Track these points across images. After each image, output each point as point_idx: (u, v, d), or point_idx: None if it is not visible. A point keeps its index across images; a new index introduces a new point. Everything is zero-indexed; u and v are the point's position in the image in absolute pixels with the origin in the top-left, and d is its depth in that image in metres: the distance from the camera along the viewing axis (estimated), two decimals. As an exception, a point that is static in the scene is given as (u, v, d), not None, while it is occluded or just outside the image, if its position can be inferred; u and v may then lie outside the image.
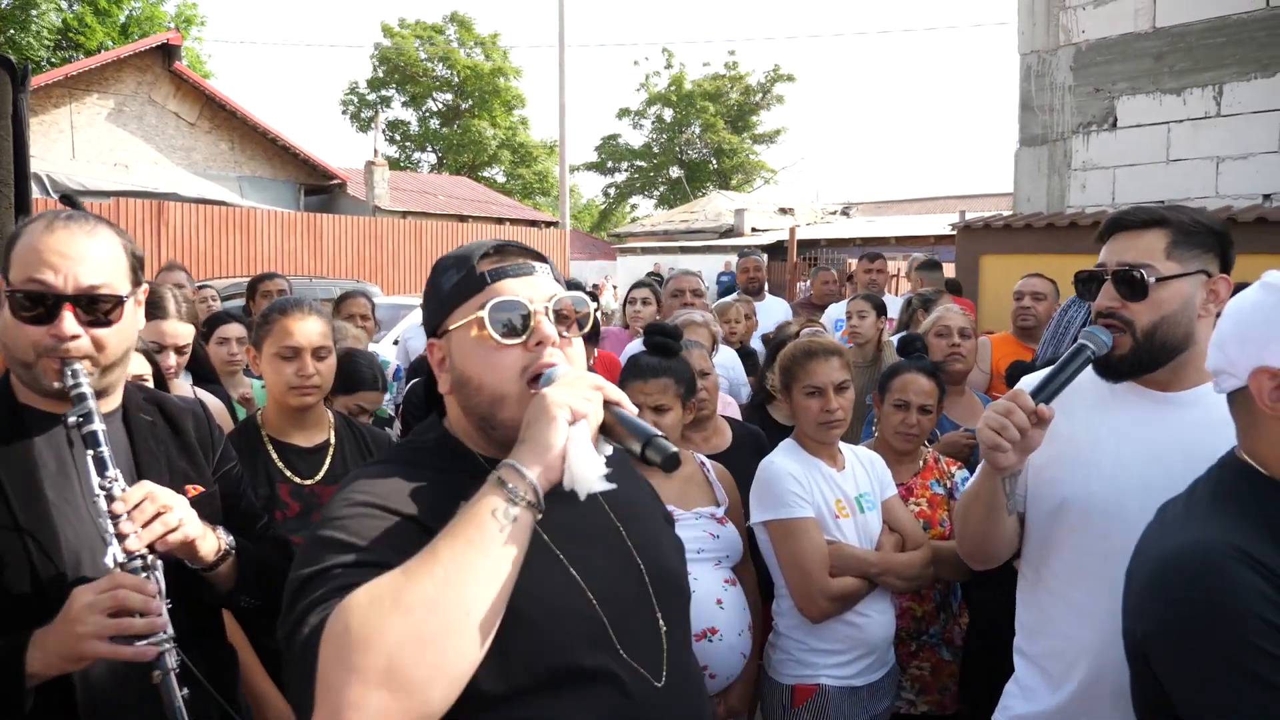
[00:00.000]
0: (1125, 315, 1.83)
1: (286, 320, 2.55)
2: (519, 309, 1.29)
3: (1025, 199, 8.62)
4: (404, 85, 39.63)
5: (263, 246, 17.64)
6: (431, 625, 1.04)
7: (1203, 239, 1.85)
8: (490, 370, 1.30)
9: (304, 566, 1.19)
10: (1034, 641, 2.00)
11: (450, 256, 1.39)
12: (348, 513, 1.23)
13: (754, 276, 6.85)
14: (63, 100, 19.40)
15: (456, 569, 1.07)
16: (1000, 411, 1.76)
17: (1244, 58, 7.22)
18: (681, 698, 1.33)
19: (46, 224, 1.57)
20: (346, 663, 1.01)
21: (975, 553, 2.07)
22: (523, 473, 1.14)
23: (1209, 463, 1.76)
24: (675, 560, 1.50)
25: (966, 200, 24.80)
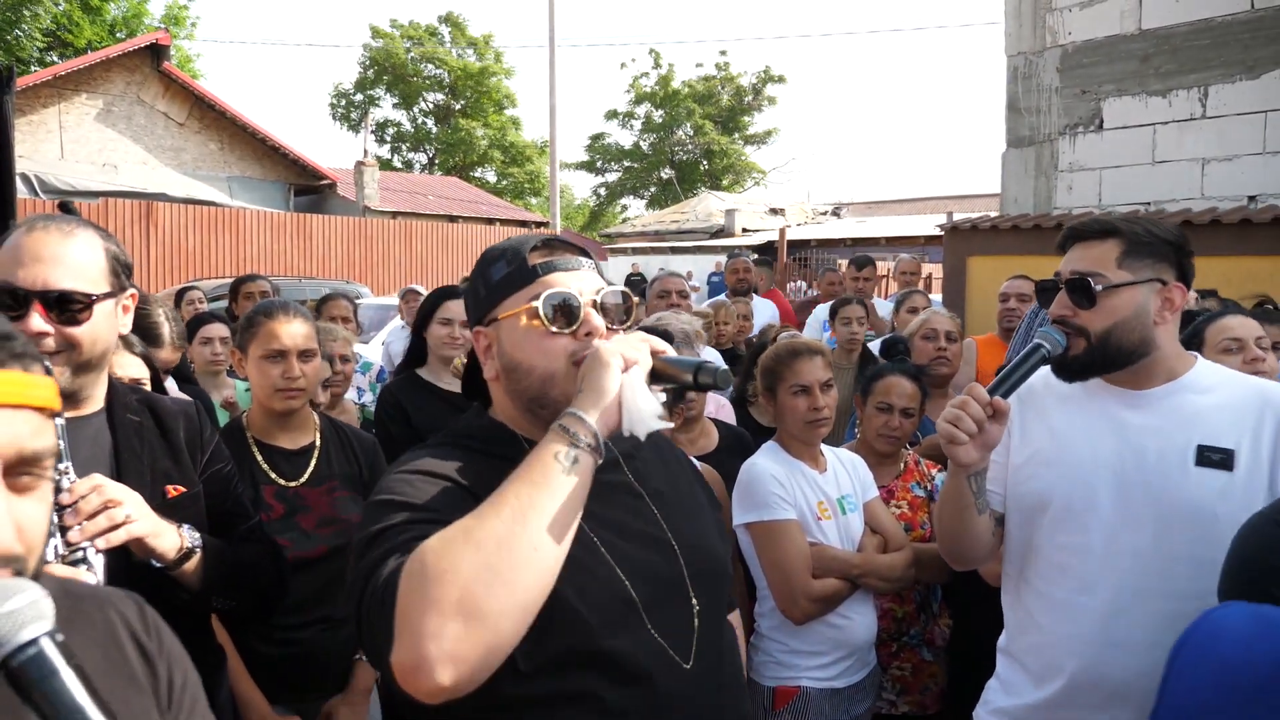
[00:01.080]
0: (1077, 323, 1.88)
1: (272, 323, 2.55)
2: (571, 300, 1.38)
3: (1012, 200, 8.65)
4: (394, 86, 39.54)
5: (252, 247, 17.59)
6: (502, 559, 1.11)
7: (1155, 249, 1.88)
8: (541, 354, 1.38)
9: (369, 525, 1.26)
10: (1016, 639, 2.02)
11: (498, 249, 1.47)
12: (401, 479, 1.32)
13: (743, 278, 6.85)
14: (51, 100, 19.30)
15: (523, 506, 1.15)
16: (957, 405, 1.79)
17: (1229, 60, 7.26)
18: (710, 680, 1.38)
19: (28, 227, 1.62)
20: (425, 596, 1.09)
21: (952, 553, 2.09)
22: (583, 418, 1.23)
23: (1179, 457, 1.82)
24: (715, 542, 1.56)
25: (955, 201, 24.87)
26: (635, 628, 1.33)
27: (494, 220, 25.41)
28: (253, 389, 2.61)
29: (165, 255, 15.81)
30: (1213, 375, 1.94)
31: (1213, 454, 1.81)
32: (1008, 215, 8.45)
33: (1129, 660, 1.80)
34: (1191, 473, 1.81)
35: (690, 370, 1.30)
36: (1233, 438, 1.82)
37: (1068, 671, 1.87)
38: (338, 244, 18.95)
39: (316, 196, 23.86)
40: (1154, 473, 1.83)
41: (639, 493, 1.46)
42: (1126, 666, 1.80)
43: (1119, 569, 1.83)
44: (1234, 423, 1.84)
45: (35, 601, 0.79)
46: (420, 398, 3.58)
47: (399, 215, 22.75)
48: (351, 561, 1.27)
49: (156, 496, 1.72)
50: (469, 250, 21.11)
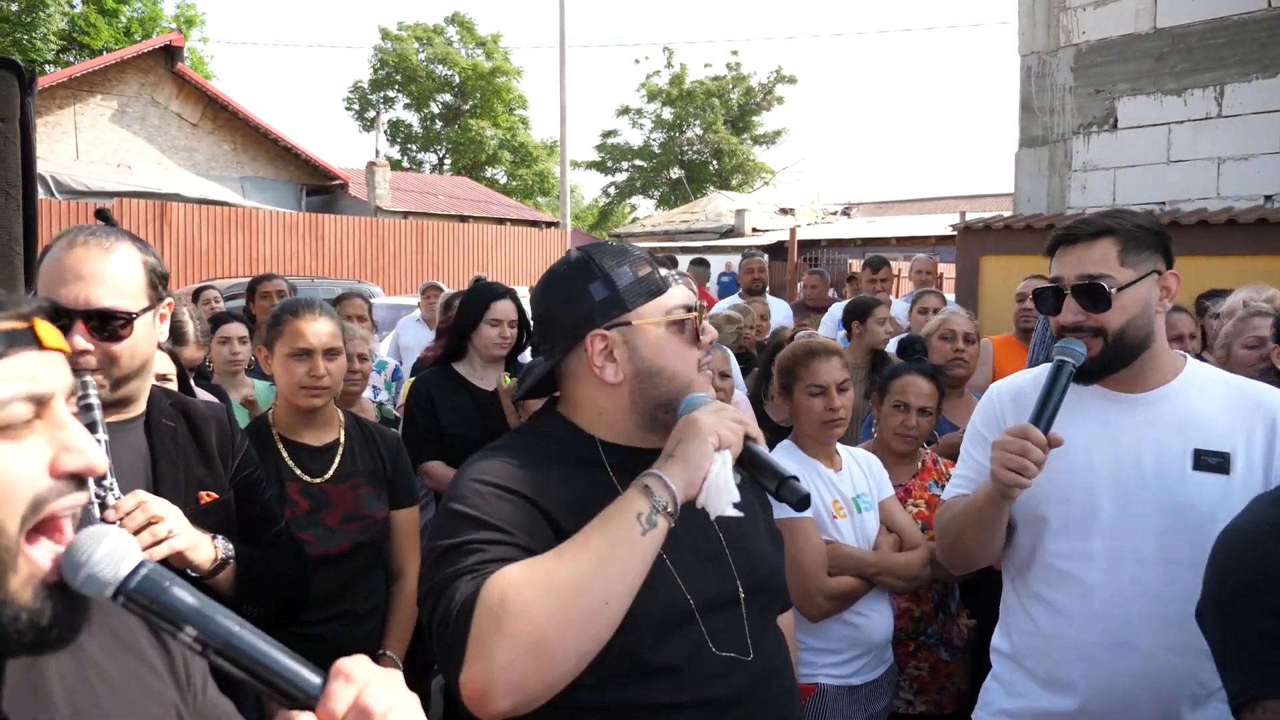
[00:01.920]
0: (1092, 325, 1.88)
1: (299, 321, 2.58)
2: (692, 313, 1.49)
3: (1026, 200, 8.62)
4: (405, 86, 39.63)
5: (265, 247, 17.65)
6: (576, 608, 1.19)
7: (1148, 240, 1.91)
8: (684, 362, 1.47)
9: (441, 538, 1.32)
10: (1018, 642, 2.03)
11: (608, 252, 1.51)
12: (475, 491, 1.36)
13: (758, 277, 6.85)
14: (66, 101, 19.43)
15: (602, 562, 1.22)
16: (1017, 451, 1.75)
17: (1245, 58, 7.23)
18: (763, 683, 1.44)
19: (68, 241, 1.65)
20: (501, 629, 1.17)
21: (965, 564, 2.12)
22: (669, 485, 1.28)
23: (1177, 462, 1.83)
24: (768, 551, 1.61)
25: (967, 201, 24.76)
26: (694, 639, 1.39)
27: (505, 220, 25.44)
28: (278, 386, 2.64)
29: (179, 255, 15.87)
30: (1203, 376, 1.96)
31: (1210, 458, 1.83)
32: (1021, 215, 8.43)
33: (1135, 664, 1.81)
34: (1190, 477, 1.83)
35: (775, 479, 1.35)
36: (1228, 441, 1.84)
37: (1074, 678, 1.88)
38: (350, 244, 19.01)
39: (328, 196, 23.94)
40: (1153, 478, 1.85)
41: (705, 517, 1.48)
42: (1133, 671, 1.81)
43: (1121, 575, 1.85)
44: (1228, 426, 1.86)
45: (121, 539, 0.88)
46: (451, 393, 3.63)
47: (410, 215, 22.80)
48: (423, 570, 1.34)
49: (190, 502, 1.75)
50: (480, 250, 21.15)
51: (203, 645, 0.86)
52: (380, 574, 2.70)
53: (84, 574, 0.85)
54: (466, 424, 3.59)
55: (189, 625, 0.86)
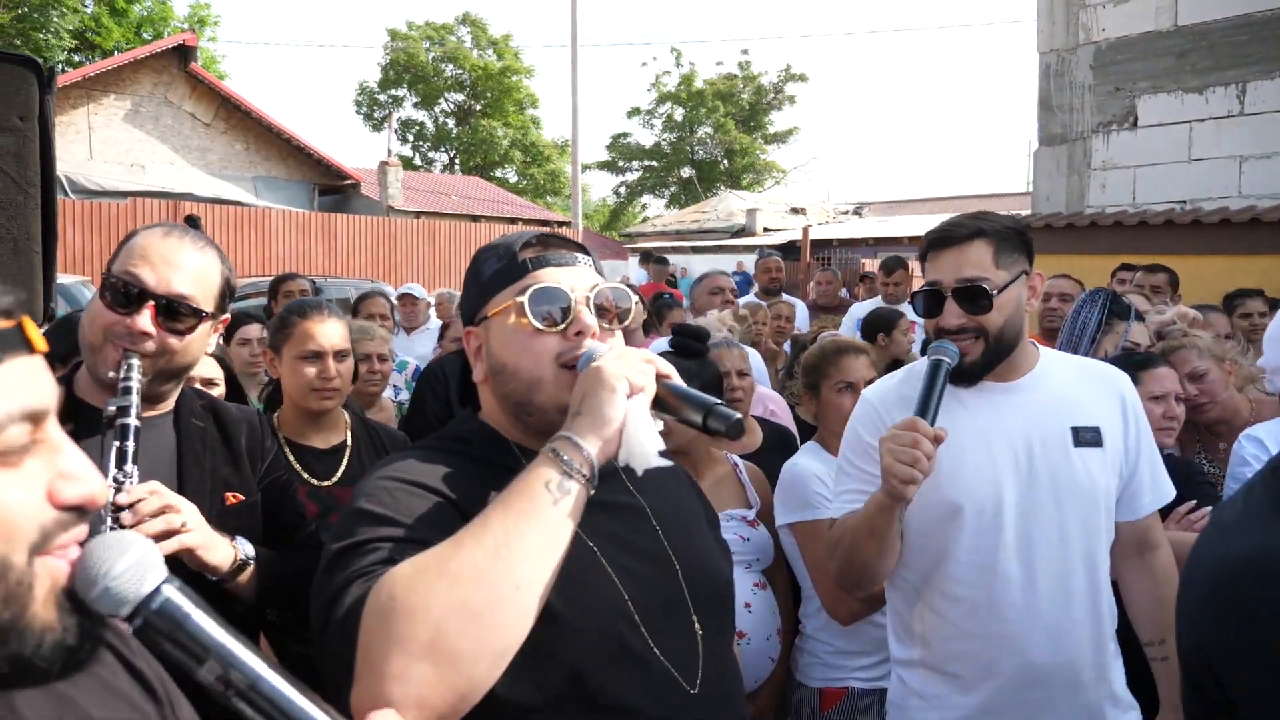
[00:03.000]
0: (974, 327, 1.92)
1: (307, 323, 2.55)
2: (560, 297, 1.28)
3: (1044, 198, 8.57)
4: (415, 86, 39.71)
5: (278, 246, 17.71)
6: (480, 596, 1.01)
7: (1016, 242, 1.98)
8: (527, 355, 1.28)
9: (339, 540, 1.17)
10: (932, 650, 2.02)
11: (492, 245, 1.39)
12: (382, 488, 1.22)
13: (775, 277, 6.81)
14: (80, 101, 19.53)
15: (507, 539, 1.04)
16: (908, 444, 1.73)
17: (1268, 56, 7.16)
18: (715, 704, 1.30)
19: (165, 231, 1.66)
20: (390, 633, 0.99)
21: (862, 583, 2.08)
22: (579, 445, 1.11)
23: (1061, 441, 1.94)
24: (718, 563, 1.47)
25: (980, 200, 24.67)
26: (639, 648, 1.23)
27: (516, 220, 25.46)
28: (286, 389, 2.60)
29: (192, 254, 15.96)
30: (1058, 360, 2.11)
31: (1086, 433, 1.96)
32: (1039, 214, 8.38)
33: (1051, 642, 1.89)
34: (1073, 454, 1.94)
35: (700, 410, 1.17)
36: (1095, 416, 1.98)
37: (1013, 670, 1.90)
38: (362, 243, 19.05)
39: (340, 196, 24.00)
40: (1042, 459, 1.94)
41: (640, 508, 1.37)
42: (1049, 648, 1.89)
43: (1032, 558, 1.91)
44: (1091, 402, 2.00)
45: (147, 552, 0.77)
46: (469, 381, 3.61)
47: (422, 215, 22.84)
48: (317, 577, 1.16)
49: (216, 503, 1.72)
50: (492, 250, 21.17)
51: (225, 685, 0.76)
52: None
53: (102, 586, 0.74)
54: None
55: (213, 660, 0.76)
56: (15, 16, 23.06)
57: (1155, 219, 7.31)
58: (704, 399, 1.19)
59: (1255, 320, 4.74)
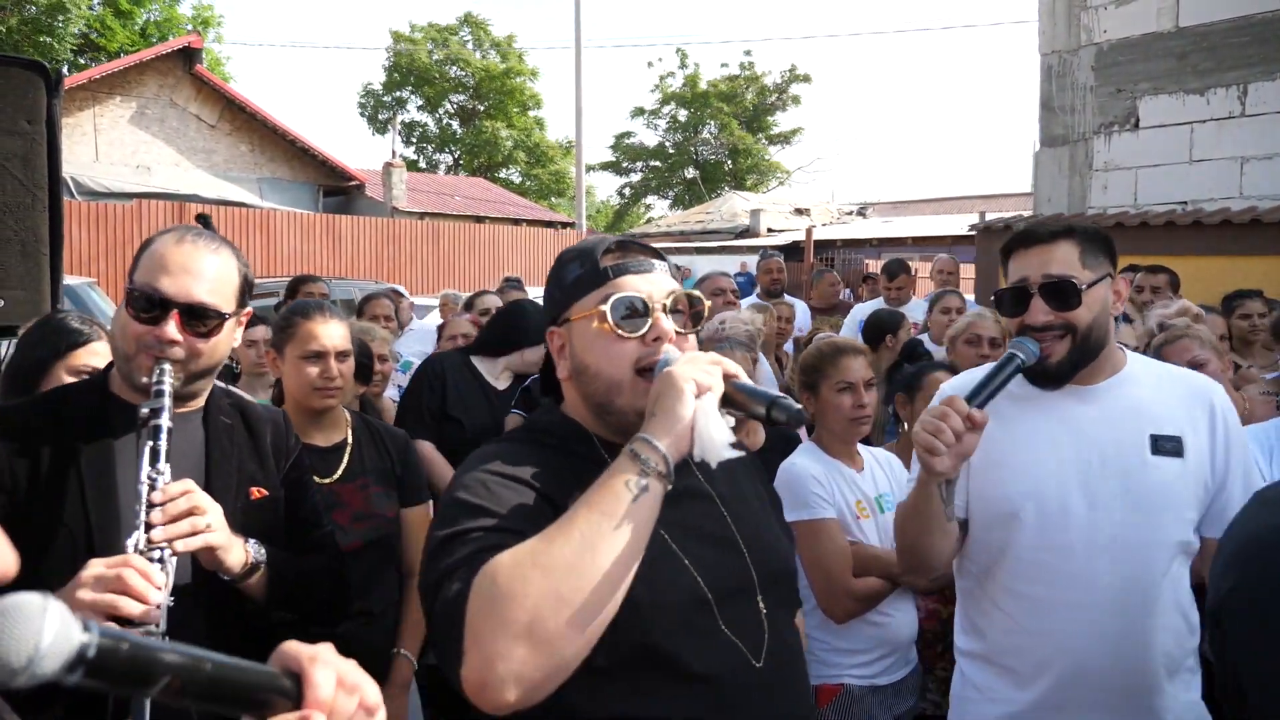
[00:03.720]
0: (1061, 324, 1.91)
1: (310, 324, 2.60)
2: (639, 305, 1.39)
3: (1046, 199, 8.58)
4: (419, 88, 39.77)
5: (283, 248, 17.76)
6: (569, 585, 1.14)
7: (1102, 245, 1.98)
8: (607, 360, 1.39)
9: (442, 528, 1.29)
10: (990, 643, 2.04)
11: (573, 250, 1.49)
12: (478, 480, 1.34)
13: (776, 278, 6.81)
14: (86, 103, 19.61)
15: (592, 535, 1.17)
16: (936, 415, 1.79)
17: (1269, 57, 7.17)
18: (778, 681, 1.40)
19: (178, 237, 1.70)
20: (493, 616, 1.13)
21: (917, 565, 2.10)
22: (654, 444, 1.23)
23: (1137, 447, 1.92)
24: (781, 545, 1.57)
25: (984, 200, 24.66)
26: (708, 626, 1.35)
27: (520, 221, 25.51)
28: (288, 388, 2.65)
29: (198, 256, 16.00)
30: (1146, 367, 2.06)
31: (1165, 442, 1.92)
32: (1041, 215, 8.39)
33: (1119, 648, 1.87)
34: (1149, 462, 1.91)
35: (764, 403, 1.28)
36: (1177, 426, 1.94)
37: (1064, 670, 1.91)
38: (367, 244, 19.10)
39: (345, 197, 24.07)
40: (1116, 465, 1.92)
41: (708, 495, 1.47)
42: (1116, 654, 1.87)
43: (1100, 562, 1.90)
44: (1175, 412, 1.96)
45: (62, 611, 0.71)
46: (464, 380, 3.63)
47: (426, 216, 22.90)
48: (424, 561, 1.30)
49: (241, 497, 1.79)
50: (496, 251, 21.20)
51: (183, 692, 0.76)
52: (393, 573, 2.71)
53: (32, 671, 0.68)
54: (473, 413, 3.58)
55: (166, 676, 0.75)
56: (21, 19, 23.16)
57: (1156, 220, 7.32)
58: (767, 394, 1.30)
59: (1255, 321, 4.74)
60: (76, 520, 1.62)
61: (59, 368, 2.34)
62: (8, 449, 1.63)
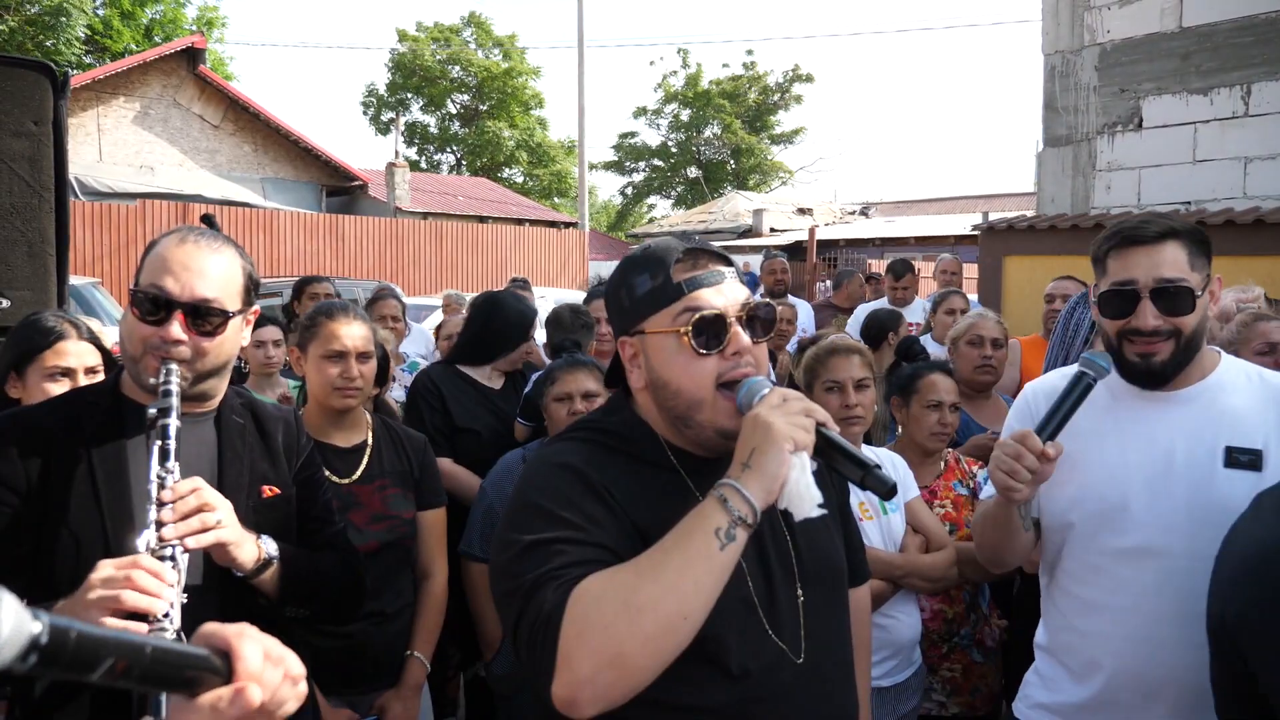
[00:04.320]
0: (1169, 329, 1.86)
1: (333, 324, 2.62)
2: (719, 324, 1.39)
3: (1049, 200, 8.57)
4: (421, 88, 39.79)
5: (286, 248, 17.79)
6: (655, 624, 1.21)
7: (1204, 245, 1.91)
8: (689, 377, 1.40)
9: (521, 532, 1.33)
10: (1054, 637, 2.06)
11: (640, 259, 1.48)
12: (556, 485, 1.37)
13: (780, 279, 6.82)
14: (90, 103, 19.64)
15: (680, 578, 1.23)
16: (1010, 455, 1.79)
17: (1272, 57, 7.16)
18: (819, 674, 1.44)
19: (180, 238, 1.71)
20: (585, 645, 1.20)
21: (993, 562, 2.16)
22: (747, 499, 1.26)
23: (1208, 458, 1.84)
24: (827, 541, 1.57)
25: (987, 200, 24.65)
26: (753, 625, 1.39)
27: (523, 221, 25.51)
28: (310, 387, 2.67)
29: (201, 256, 16.01)
30: (1238, 372, 1.96)
31: (1241, 455, 1.83)
32: (1045, 215, 8.39)
33: (1164, 657, 1.83)
34: (1220, 474, 1.83)
35: (858, 469, 1.30)
36: (1260, 437, 1.84)
37: (1106, 670, 1.90)
38: (370, 244, 19.12)
39: (348, 197, 24.09)
40: (1183, 475, 1.85)
41: None
42: (1162, 664, 1.83)
43: (1152, 569, 1.86)
44: (1259, 422, 1.85)
45: (13, 604, 0.72)
46: (458, 388, 3.63)
47: (429, 216, 22.91)
48: (504, 560, 1.34)
49: (253, 496, 1.80)
50: (499, 250, 21.22)
51: (125, 674, 0.80)
52: (408, 575, 2.72)
53: None
54: (478, 419, 3.57)
55: (110, 658, 0.78)
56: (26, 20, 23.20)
57: (1160, 220, 7.30)
58: (863, 458, 1.31)
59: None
60: (91, 522, 1.63)
61: (30, 371, 2.37)
62: (21, 452, 1.64)
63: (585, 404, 3.00)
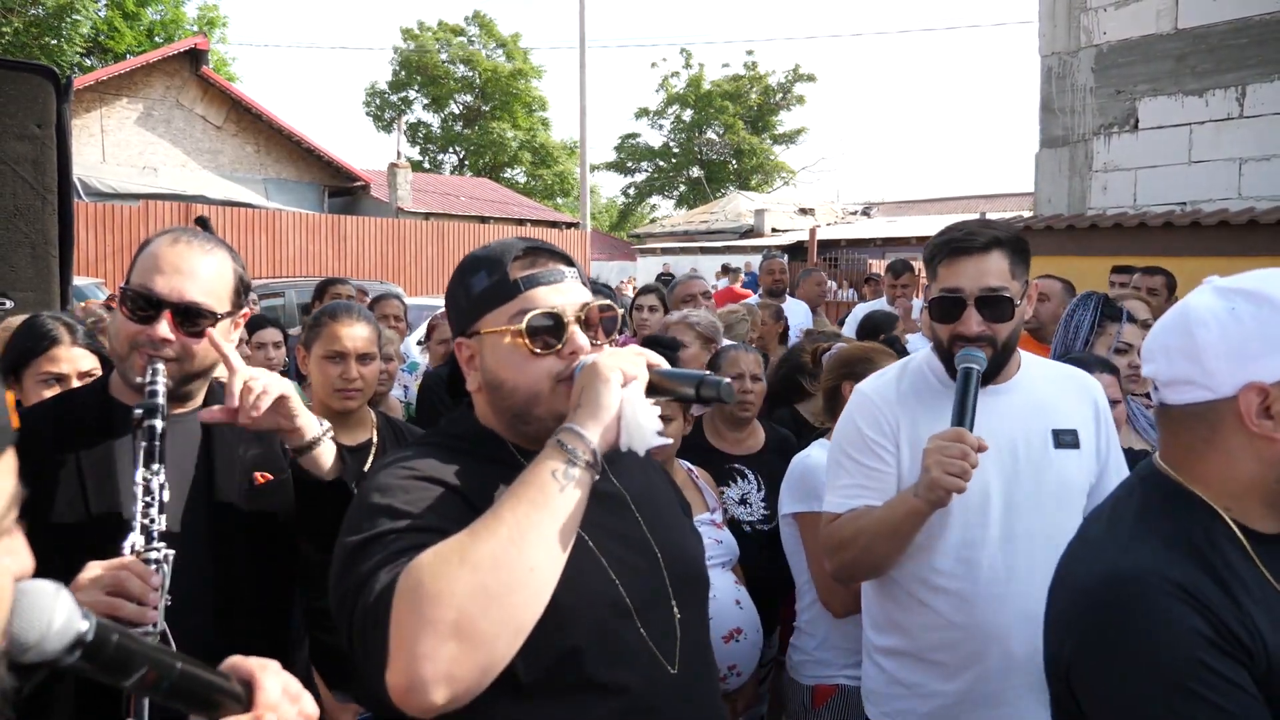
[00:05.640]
0: (989, 334, 1.98)
1: (336, 325, 2.64)
2: (554, 321, 1.35)
3: (1046, 200, 8.61)
4: (425, 88, 39.85)
5: (288, 248, 17.84)
6: (497, 580, 1.10)
7: (1024, 253, 2.03)
8: (525, 376, 1.35)
9: (356, 533, 1.24)
10: (916, 639, 2.07)
11: (479, 257, 1.42)
12: (395, 482, 1.29)
13: (779, 279, 6.84)
14: (93, 105, 19.70)
15: (519, 527, 1.13)
16: (957, 456, 1.81)
17: (1267, 58, 7.19)
18: (692, 687, 1.38)
19: (172, 238, 1.71)
20: (419, 616, 1.08)
21: (866, 576, 2.16)
22: (581, 434, 1.20)
23: (1041, 441, 2.01)
24: (694, 548, 1.55)
25: (987, 200, 24.68)
26: (629, 634, 1.33)
27: (525, 221, 25.56)
28: (313, 387, 2.70)
29: (204, 256, 16.06)
30: (1036, 363, 2.17)
31: (1065, 436, 2.04)
32: (1041, 215, 8.42)
33: (1034, 635, 1.86)
34: (1053, 454, 2.02)
35: (692, 384, 1.28)
36: (1072, 419, 2.07)
37: (997, 658, 1.95)
38: (372, 245, 19.17)
39: (350, 198, 24.14)
40: (1024, 459, 2.01)
41: (622, 497, 1.45)
42: (1032, 642, 1.84)
43: (1015, 554, 1.98)
44: (1068, 406, 2.09)
45: (69, 600, 0.85)
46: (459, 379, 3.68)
47: (431, 216, 22.96)
48: (336, 565, 1.24)
49: (245, 483, 1.79)
50: (500, 251, 21.25)
51: (155, 686, 0.87)
52: None
53: (41, 648, 0.81)
54: None
55: (144, 667, 0.87)
56: (29, 22, 23.27)
57: (1154, 221, 7.35)
58: (694, 373, 1.30)
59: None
60: (79, 522, 1.63)
61: (25, 375, 2.39)
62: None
63: None
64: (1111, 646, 1.25)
